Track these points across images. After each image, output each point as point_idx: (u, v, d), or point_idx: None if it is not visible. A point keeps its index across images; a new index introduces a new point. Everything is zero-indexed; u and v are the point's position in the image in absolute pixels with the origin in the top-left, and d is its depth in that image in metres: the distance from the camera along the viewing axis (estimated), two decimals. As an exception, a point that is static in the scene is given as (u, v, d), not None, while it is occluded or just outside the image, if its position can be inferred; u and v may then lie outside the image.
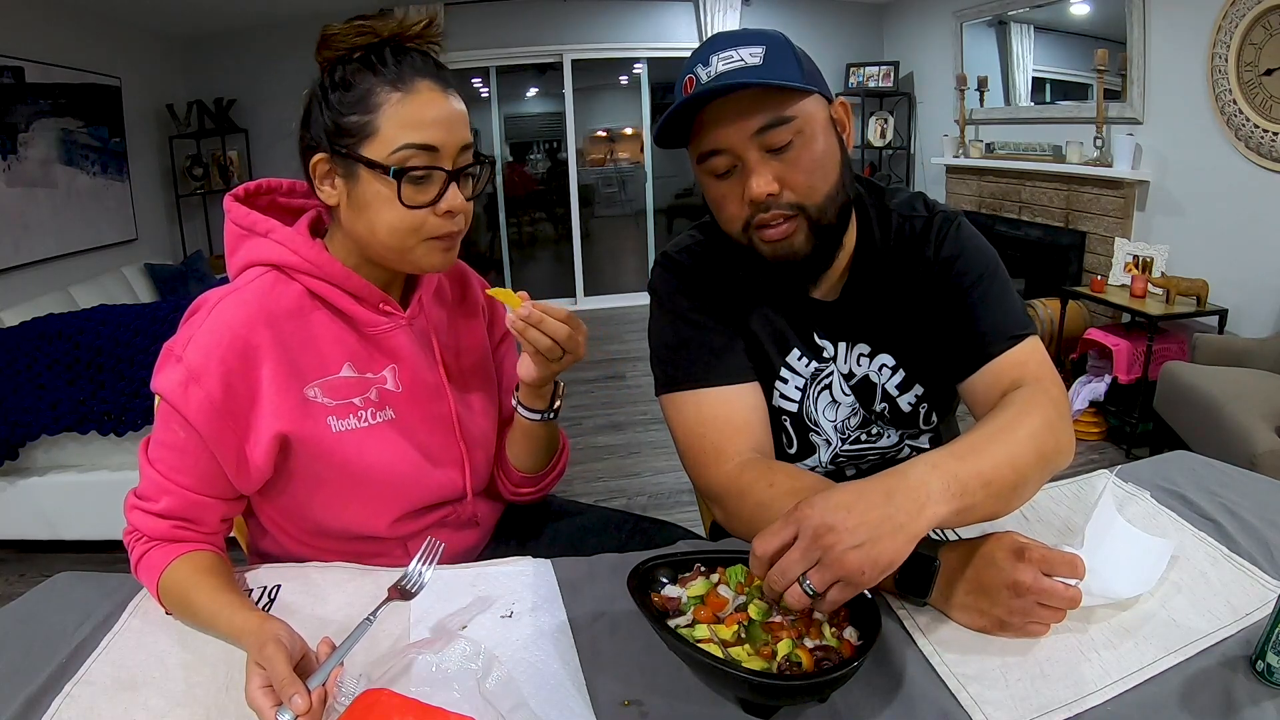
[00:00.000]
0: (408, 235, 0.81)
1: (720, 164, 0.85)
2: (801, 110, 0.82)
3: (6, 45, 3.61)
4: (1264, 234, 2.84)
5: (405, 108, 0.78)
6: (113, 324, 2.28)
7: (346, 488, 0.88)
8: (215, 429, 0.79)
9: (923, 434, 1.05)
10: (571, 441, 3.55)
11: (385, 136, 0.78)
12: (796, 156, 0.83)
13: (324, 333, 0.86)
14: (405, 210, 0.80)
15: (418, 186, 0.80)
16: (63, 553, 2.49)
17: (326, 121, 0.80)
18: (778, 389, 1.00)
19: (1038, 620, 0.69)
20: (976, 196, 4.51)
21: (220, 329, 0.79)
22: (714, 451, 0.90)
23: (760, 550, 0.65)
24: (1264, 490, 0.95)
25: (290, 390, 0.83)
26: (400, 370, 0.90)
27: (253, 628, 0.69)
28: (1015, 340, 0.89)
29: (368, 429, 0.88)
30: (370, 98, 0.78)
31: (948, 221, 0.95)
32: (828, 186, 0.86)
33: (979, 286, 0.91)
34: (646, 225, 6.11)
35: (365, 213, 0.81)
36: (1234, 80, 2.87)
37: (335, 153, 0.81)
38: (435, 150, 0.79)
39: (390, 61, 0.79)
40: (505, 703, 0.64)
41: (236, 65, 5.22)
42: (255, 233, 0.86)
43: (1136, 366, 3.00)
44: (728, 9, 5.33)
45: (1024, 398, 0.81)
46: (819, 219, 0.86)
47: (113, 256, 4.36)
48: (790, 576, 0.63)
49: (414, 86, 0.79)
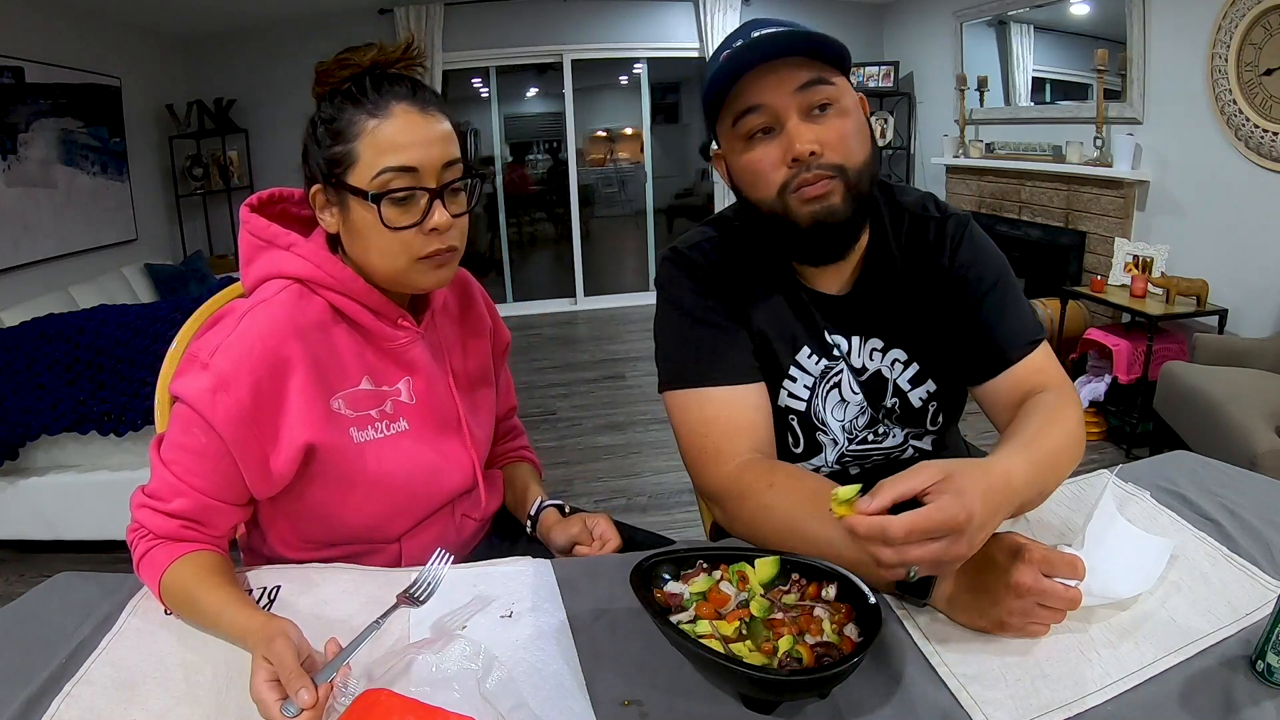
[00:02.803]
0: (397, 257, 0.83)
1: (757, 122, 0.86)
2: (839, 82, 0.86)
3: (6, 45, 3.61)
4: (1264, 234, 2.84)
5: (381, 133, 0.80)
6: (113, 324, 2.28)
7: (364, 495, 0.89)
8: (241, 436, 0.79)
9: (927, 435, 1.05)
10: (571, 441, 3.56)
11: (365, 163, 0.81)
12: (836, 121, 0.86)
13: (345, 346, 0.87)
14: (391, 233, 0.81)
15: (401, 208, 0.81)
16: (63, 553, 2.49)
17: (319, 154, 0.84)
18: (786, 387, 1.00)
19: (1037, 621, 0.69)
20: (976, 196, 4.51)
21: (251, 338, 0.80)
22: (715, 451, 0.90)
23: (902, 531, 0.62)
24: (1264, 490, 0.95)
25: (318, 402, 0.84)
26: (415, 383, 0.92)
27: (258, 625, 0.69)
28: (1033, 346, 0.93)
29: (384, 440, 0.89)
30: (350, 127, 0.81)
31: (960, 225, 0.97)
32: (864, 155, 0.88)
33: (995, 293, 0.94)
34: (646, 225, 6.11)
35: (359, 240, 0.84)
36: (1234, 80, 2.87)
37: (328, 183, 0.84)
38: (415, 171, 0.81)
39: (369, 90, 0.82)
40: (505, 703, 0.64)
41: (236, 65, 5.22)
42: (275, 245, 0.86)
43: (1136, 366, 3.00)
44: (728, 9, 5.33)
45: (1055, 403, 0.86)
46: (856, 184, 0.87)
47: (113, 256, 4.36)
48: (921, 564, 0.64)
49: (389, 111, 0.81)
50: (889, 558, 0.64)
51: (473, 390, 1.02)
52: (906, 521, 0.62)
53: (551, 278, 6.45)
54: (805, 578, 0.73)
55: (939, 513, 0.62)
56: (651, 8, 5.51)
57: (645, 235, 6.14)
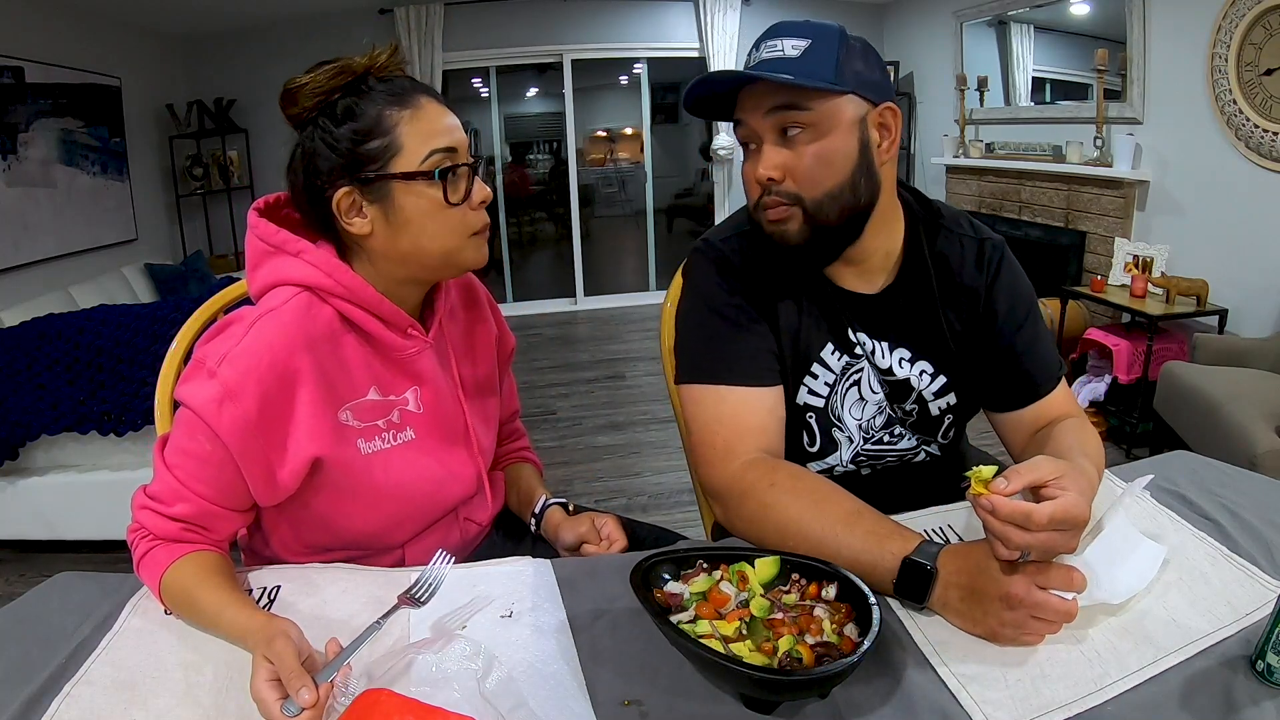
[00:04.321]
0: (454, 235, 0.84)
1: (742, 134, 0.91)
2: (822, 106, 0.85)
3: (6, 45, 3.61)
4: (1264, 234, 2.84)
5: (420, 121, 0.82)
6: (113, 324, 2.28)
7: (370, 504, 0.89)
8: (246, 446, 0.78)
9: (934, 442, 1.06)
10: (571, 441, 3.56)
11: (411, 149, 0.82)
12: (804, 148, 0.86)
13: (353, 356, 0.86)
14: (449, 211, 0.83)
15: (454, 185, 0.83)
16: (63, 553, 2.49)
17: (339, 157, 0.82)
18: (807, 384, 1.00)
19: (1030, 632, 0.68)
20: (976, 196, 4.51)
21: (260, 348, 0.78)
22: (724, 449, 0.91)
23: (1045, 518, 0.65)
24: (1264, 490, 0.95)
25: (325, 414, 0.83)
26: (422, 392, 0.92)
27: (259, 625, 0.69)
28: (1057, 381, 0.99)
29: (390, 450, 0.89)
30: (383, 121, 0.81)
31: (998, 250, 1.00)
32: (830, 184, 0.87)
33: (1028, 325, 0.99)
34: (646, 225, 6.11)
35: (408, 228, 0.83)
36: (1234, 80, 2.87)
37: (360, 182, 0.82)
38: (455, 151, 0.84)
39: (380, 87, 0.83)
40: (505, 703, 0.64)
41: (236, 65, 5.22)
42: (284, 251, 0.85)
43: (1136, 366, 3.00)
44: (728, 9, 5.33)
45: (1085, 432, 0.91)
46: (815, 214, 0.88)
47: (113, 256, 4.36)
48: (1041, 551, 0.67)
49: (418, 102, 0.83)
50: (1021, 540, 0.66)
51: (479, 397, 1.02)
52: (1049, 510, 0.65)
53: (551, 278, 6.44)
54: (805, 578, 0.73)
55: (1074, 508, 0.65)
56: (651, 8, 5.51)
57: (645, 235, 6.14)
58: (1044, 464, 0.68)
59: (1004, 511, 0.65)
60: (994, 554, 0.69)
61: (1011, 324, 0.98)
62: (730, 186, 5.83)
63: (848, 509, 0.80)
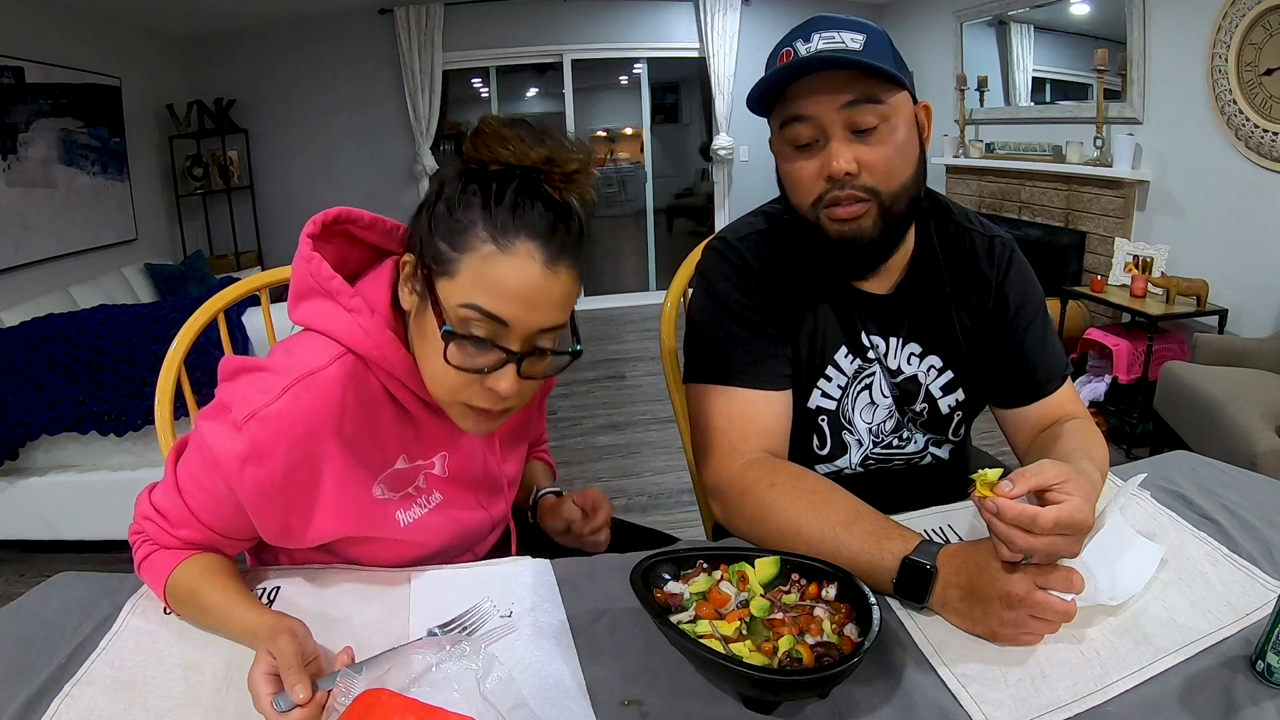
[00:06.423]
0: (443, 391, 0.75)
1: (803, 133, 0.86)
2: (893, 99, 0.85)
3: (6, 45, 3.61)
4: (1264, 234, 2.84)
5: (491, 266, 0.69)
6: (113, 324, 2.28)
7: (394, 555, 0.87)
8: (263, 507, 0.74)
9: (946, 443, 1.06)
10: (571, 441, 3.55)
11: (459, 286, 0.70)
12: (880, 141, 0.85)
13: (389, 426, 0.81)
14: (449, 366, 0.72)
15: (468, 351, 0.72)
16: (63, 553, 2.49)
17: (427, 230, 0.73)
18: (820, 387, 1.00)
19: (1029, 632, 0.68)
20: (976, 196, 4.51)
21: (295, 416, 0.72)
22: (729, 448, 0.91)
23: (1051, 522, 0.64)
24: (1264, 490, 0.95)
25: (358, 492, 0.79)
26: (450, 458, 0.87)
27: (268, 622, 0.69)
28: (1064, 380, 1.00)
29: (426, 515, 0.86)
30: (465, 235, 0.70)
31: (1008, 247, 1.00)
32: (904, 177, 0.87)
33: (1036, 324, 0.99)
34: (646, 225, 6.10)
35: (422, 343, 0.75)
36: (1234, 80, 2.87)
37: (421, 267, 0.74)
38: (504, 324, 0.70)
39: (507, 203, 0.69)
40: (505, 703, 0.64)
41: (236, 65, 5.21)
42: (336, 301, 0.76)
43: (1136, 366, 3.00)
44: (728, 9, 5.32)
45: (1089, 434, 0.91)
46: (890, 206, 0.87)
47: (113, 256, 4.36)
48: (1044, 555, 0.67)
49: (513, 247, 0.69)
50: (1025, 543, 0.66)
51: (513, 444, 0.98)
52: (1054, 514, 0.65)
53: (551, 278, 6.43)
54: (805, 578, 0.73)
55: (1079, 513, 0.65)
56: (651, 8, 5.51)
57: (645, 235, 6.13)
58: (1049, 468, 0.68)
59: (1009, 514, 0.65)
60: (997, 556, 0.69)
61: (1021, 320, 0.98)
62: (730, 186, 5.83)
63: (848, 509, 0.80)
